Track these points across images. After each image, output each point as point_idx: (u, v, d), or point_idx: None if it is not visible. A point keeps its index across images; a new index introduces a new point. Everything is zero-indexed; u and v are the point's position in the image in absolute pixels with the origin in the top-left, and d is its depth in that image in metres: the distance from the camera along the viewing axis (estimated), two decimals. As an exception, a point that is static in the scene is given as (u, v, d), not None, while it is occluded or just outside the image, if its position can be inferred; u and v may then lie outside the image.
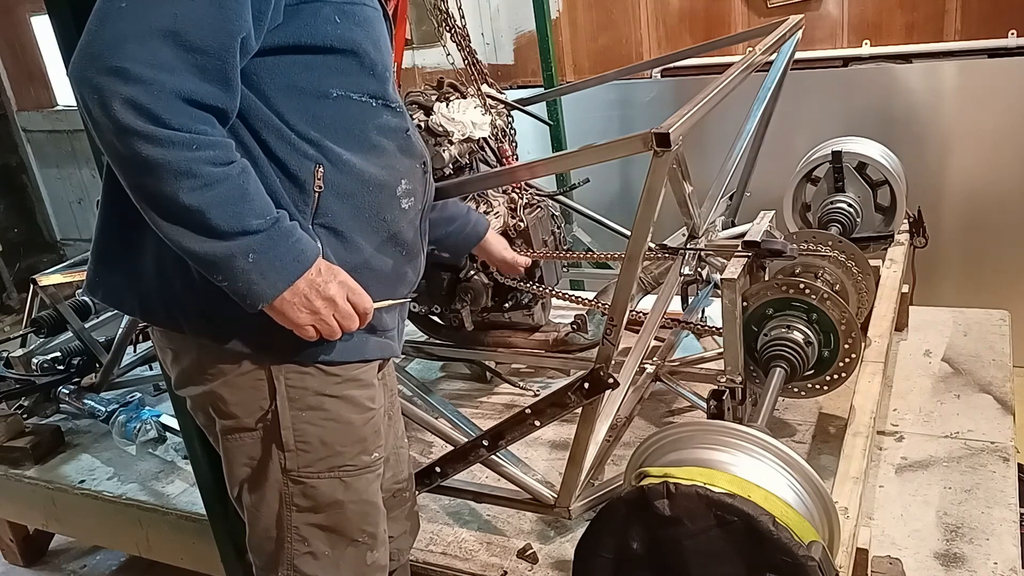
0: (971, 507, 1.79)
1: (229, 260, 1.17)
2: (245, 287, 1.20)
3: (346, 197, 1.31)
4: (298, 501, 1.39)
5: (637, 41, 3.74)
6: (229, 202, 1.16)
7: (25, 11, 5.34)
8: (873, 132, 2.70)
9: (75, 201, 5.72)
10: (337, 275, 1.27)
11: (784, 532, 1.22)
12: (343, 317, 1.28)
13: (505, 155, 2.25)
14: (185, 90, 1.11)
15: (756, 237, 1.82)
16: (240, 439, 1.39)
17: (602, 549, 1.36)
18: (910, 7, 3.23)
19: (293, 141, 1.26)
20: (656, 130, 1.42)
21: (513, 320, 2.33)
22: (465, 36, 2.27)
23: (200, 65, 1.12)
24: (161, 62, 1.10)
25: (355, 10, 1.28)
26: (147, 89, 1.09)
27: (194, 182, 1.13)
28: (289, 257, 1.21)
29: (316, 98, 1.27)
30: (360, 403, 1.41)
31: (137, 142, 1.10)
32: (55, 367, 2.84)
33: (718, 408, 1.68)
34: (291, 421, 1.35)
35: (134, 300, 1.36)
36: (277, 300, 1.22)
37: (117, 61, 1.08)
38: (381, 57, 1.34)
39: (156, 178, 1.12)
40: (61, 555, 2.93)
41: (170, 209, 1.15)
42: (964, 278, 3.39)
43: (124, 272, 1.35)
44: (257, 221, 1.18)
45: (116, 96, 1.08)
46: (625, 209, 3.47)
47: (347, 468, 1.40)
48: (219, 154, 1.16)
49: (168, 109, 1.10)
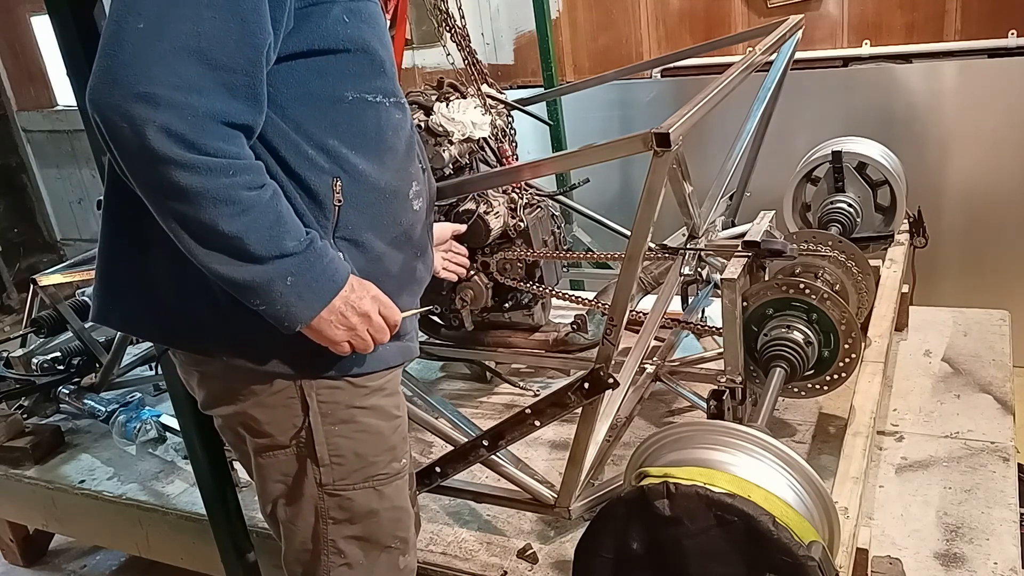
0: (971, 507, 1.79)
1: (268, 284, 1.17)
2: (284, 310, 1.19)
3: (364, 207, 1.30)
4: (334, 514, 1.40)
5: (637, 41, 3.74)
6: (266, 226, 1.15)
7: (25, 11, 5.34)
8: (873, 132, 2.70)
9: (75, 201, 5.72)
10: (369, 290, 1.28)
11: (784, 532, 1.22)
12: (376, 331, 1.29)
13: (505, 155, 2.24)
14: (217, 110, 1.09)
15: (756, 237, 1.82)
16: (274, 456, 1.38)
17: (602, 549, 1.36)
18: (910, 7, 3.23)
19: (310, 156, 1.24)
20: (656, 130, 1.42)
21: (513, 320, 2.32)
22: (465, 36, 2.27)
23: (228, 83, 1.10)
24: (190, 83, 1.07)
25: (361, 7, 1.27)
26: (180, 114, 1.06)
27: (233, 208, 1.11)
28: (325, 277, 1.21)
29: (332, 103, 1.25)
30: (388, 412, 1.41)
31: (174, 171, 1.07)
32: (55, 367, 2.84)
33: (718, 408, 1.68)
34: (325, 436, 1.35)
35: (154, 326, 1.35)
36: (315, 320, 1.22)
37: (144, 86, 1.05)
38: (388, 54, 1.33)
39: (195, 206, 1.10)
40: (61, 555, 2.93)
41: (209, 237, 1.13)
42: (964, 278, 3.38)
43: (139, 296, 1.32)
44: (293, 243, 1.17)
45: (149, 124, 1.05)
46: (625, 209, 3.47)
47: (380, 477, 1.41)
48: (254, 178, 1.14)
49: (204, 133, 1.08)
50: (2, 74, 5.56)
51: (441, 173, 2.07)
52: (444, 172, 2.08)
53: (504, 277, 2.18)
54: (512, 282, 2.18)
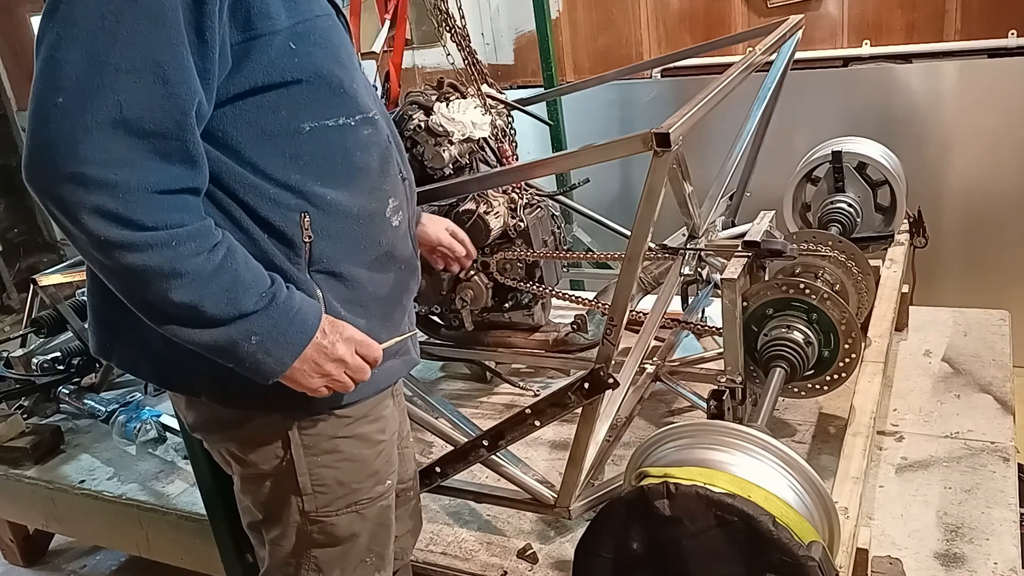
0: (971, 507, 1.79)
1: (232, 346, 1.14)
2: (254, 367, 1.16)
3: (338, 237, 1.26)
4: (317, 537, 1.40)
5: (637, 41, 3.74)
6: (221, 289, 1.10)
7: (25, 11, 5.34)
8: (873, 132, 2.70)
9: (75, 201, 5.72)
10: (343, 331, 1.23)
11: (784, 532, 1.22)
12: (355, 371, 1.25)
13: (505, 155, 2.24)
14: (151, 182, 1.04)
15: (756, 237, 1.82)
16: (258, 483, 1.38)
17: (602, 549, 1.36)
18: (910, 7, 3.23)
19: (272, 195, 1.18)
20: (656, 130, 1.42)
21: (513, 320, 2.32)
22: (465, 36, 2.27)
23: (160, 150, 1.04)
24: (119, 158, 1.01)
25: (308, 28, 1.18)
26: (111, 192, 1.01)
27: (182, 280, 1.07)
28: (293, 330, 1.17)
29: (289, 137, 1.18)
30: (371, 439, 1.40)
31: (115, 252, 1.04)
32: (55, 367, 2.84)
33: (718, 408, 1.68)
34: (307, 467, 1.34)
35: (149, 368, 1.33)
36: (288, 372, 1.19)
37: (72, 166, 1.00)
38: (345, 70, 1.25)
39: (142, 283, 1.07)
40: (61, 555, 2.93)
41: (164, 310, 1.10)
42: (964, 278, 3.38)
43: (133, 339, 1.29)
44: (253, 300, 1.13)
45: (80, 207, 1.01)
46: (625, 209, 3.47)
47: (363, 501, 1.41)
48: (200, 243, 1.09)
49: (139, 209, 1.03)
50: (2, 74, 5.55)
51: (441, 173, 2.07)
52: (444, 172, 2.08)
53: (504, 277, 2.18)
54: (512, 282, 2.18)
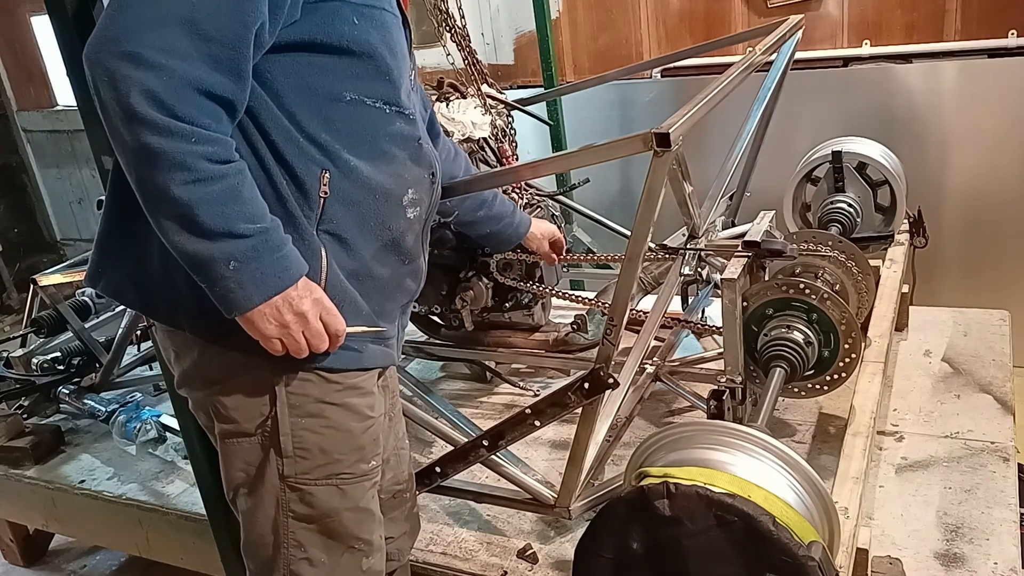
0: (971, 507, 1.79)
1: (209, 263, 1.16)
2: (222, 294, 1.19)
3: (352, 204, 1.31)
4: (294, 507, 1.39)
5: (637, 41, 3.74)
6: (219, 201, 1.15)
7: (25, 11, 5.34)
8: (873, 132, 2.70)
9: (75, 201, 5.72)
10: (313, 292, 1.25)
11: (784, 532, 1.22)
12: (312, 335, 1.25)
13: (505, 155, 2.25)
14: (196, 78, 1.11)
15: (756, 237, 1.82)
16: (238, 443, 1.38)
17: (602, 549, 1.36)
18: (910, 7, 3.23)
19: (301, 144, 1.25)
20: (656, 130, 1.42)
21: (513, 320, 2.32)
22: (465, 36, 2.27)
23: (214, 54, 1.12)
24: (175, 49, 1.10)
25: (374, 13, 1.28)
26: (158, 75, 1.09)
27: (186, 175, 1.12)
28: (272, 271, 1.19)
29: (329, 100, 1.26)
30: (360, 411, 1.40)
31: (140, 128, 1.10)
32: (55, 367, 2.84)
33: (718, 408, 1.68)
34: (291, 428, 1.34)
35: (135, 293, 1.36)
36: (250, 312, 1.20)
37: (132, 46, 1.09)
38: (396, 63, 1.33)
39: (152, 166, 1.12)
40: (61, 555, 2.93)
41: (161, 200, 1.14)
42: (964, 278, 3.39)
43: (127, 264, 1.34)
44: (245, 225, 1.16)
45: (127, 80, 1.09)
46: (625, 209, 3.48)
47: (344, 476, 1.40)
48: (217, 151, 1.15)
49: (177, 97, 1.10)
50: (2, 74, 5.56)
51: (441, 173, 2.07)
52: (444, 172, 2.07)
53: (504, 277, 2.18)
54: (512, 282, 2.18)
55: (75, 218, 5.80)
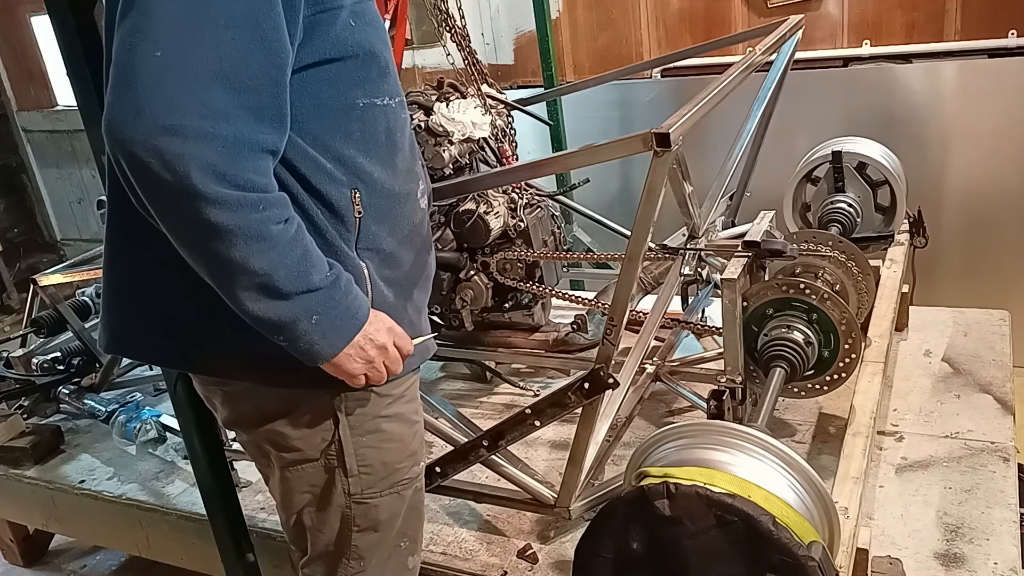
0: (971, 507, 1.79)
1: (293, 323, 1.14)
2: (307, 347, 1.17)
3: (383, 215, 1.29)
4: (359, 521, 1.40)
5: (637, 41, 3.74)
6: (294, 261, 1.12)
7: (25, 11, 5.34)
8: (873, 132, 2.69)
9: (75, 201, 5.72)
10: (385, 322, 1.26)
11: (784, 532, 1.22)
12: (391, 362, 1.27)
13: (505, 155, 2.24)
14: (246, 137, 1.05)
15: (756, 237, 1.82)
16: (302, 470, 1.38)
17: (602, 549, 1.36)
18: (910, 7, 3.23)
19: (328, 170, 1.21)
20: (656, 130, 1.42)
21: (513, 320, 2.32)
22: (465, 36, 2.27)
23: (254, 106, 1.06)
24: (216, 110, 1.03)
25: (364, 8, 1.24)
26: (210, 145, 1.02)
27: (263, 244, 1.08)
28: (348, 314, 1.19)
29: (344, 111, 1.23)
30: (409, 418, 1.42)
31: (205, 207, 1.03)
32: (55, 367, 2.84)
33: (718, 408, 1.68)
34: (354, 447, 1.35)
35: (174, 350, 1.31)
36: (336, 356, 1.20)
37: (170, 119, 1.00)
38: (390, 54, 1.31)
39: (226, 243, 1.06)
40: (61, 555, 2.93)
41: (238, 273, 1.09)
42: (964, 278, 3.38)
43: (154, 320, 1.28)
44: (319, 277, 1.15)
45: (180, 158, 1.01)
46: (625, 209, 3.47)
47: (403, 482, 1.43)
48: (281, 212, 1.11)
49: (235, 164, 1.04)
50: (2, 74, 5.55)
51: (441, 173, 2.07)
52: (444, 172, 2.07)
53: (504, 277, 2.18)
54: (512, 282, 2.18)
55: (75, 218, 5.79)
